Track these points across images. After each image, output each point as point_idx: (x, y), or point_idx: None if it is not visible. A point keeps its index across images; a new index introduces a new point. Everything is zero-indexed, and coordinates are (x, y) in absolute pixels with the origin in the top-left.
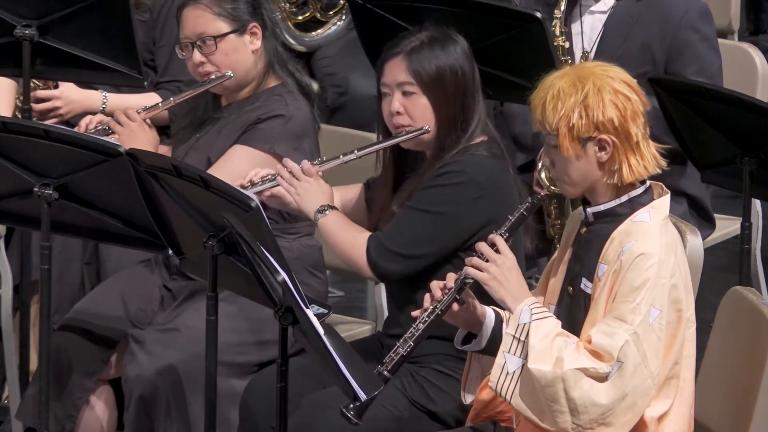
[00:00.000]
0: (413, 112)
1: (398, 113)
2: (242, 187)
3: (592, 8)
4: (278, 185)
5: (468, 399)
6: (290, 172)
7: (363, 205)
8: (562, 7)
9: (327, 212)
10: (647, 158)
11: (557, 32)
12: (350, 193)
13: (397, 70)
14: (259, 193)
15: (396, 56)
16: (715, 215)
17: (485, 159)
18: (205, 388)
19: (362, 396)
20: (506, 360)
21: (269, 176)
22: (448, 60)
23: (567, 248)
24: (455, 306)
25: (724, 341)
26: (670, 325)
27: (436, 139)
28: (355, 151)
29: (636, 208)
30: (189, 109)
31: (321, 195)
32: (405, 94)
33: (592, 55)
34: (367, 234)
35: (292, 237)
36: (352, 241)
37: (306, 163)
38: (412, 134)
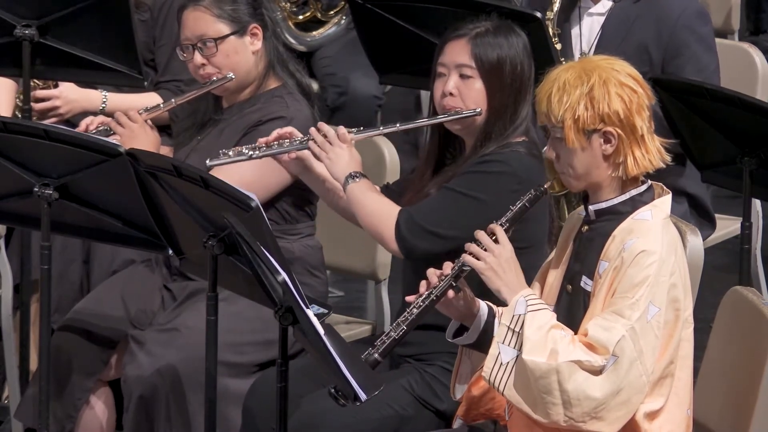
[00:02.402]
0: (467, 96)
1: (451, 94)
2: (266, 144)
3: (591, 10)
4: (306, 149)
5: (458, 394)
6: (324, 135)
7: None
8: (555, 9)
9: (358, 179)
10: (652, 152)
11: (550, 34)
12: None
13: (458, 51)
14: (285, 153)
15: (460, 38)
16: (716, 215)
17: (526, 156)
18: (205, 389)
19: (362, 396)
20: (500, 351)
21: (298, 139)
22: (510, 51)
23: (566, 247)
24: (450, 293)
25: (724, 341)
26: (668, 324)
27: (483, 125)
28: (398, 124)
29: (638, 206)
30: (190, 112)
31: (353, 162)
32: (462, 76)
33: (590, 56)
34: (398, 207)
35: (293, 238)
36: (382, 211)
37: (342, 129)
38: (462, 115)
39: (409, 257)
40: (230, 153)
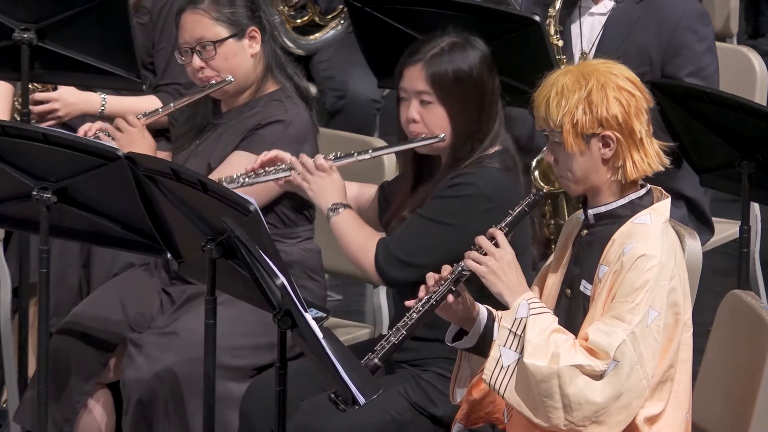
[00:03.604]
0: (429, 121)
1: (414, 121)
2: (253, 171)
3: (592, 10)
4: (290, 176)
5: (457, 398)
6: (303, 164)
7: (375, 208)
8: (557, 6)
9: (340, 210)
10: (651, 155)
11: (552, 30)
12: (366, 192)
13: (415, 79)
14: (275, 180)
15: (416, 63)
16: (714, 219)
17: (497, 171)
18: (204, 392)
19: (360, 400)
20: (501, 353)
21: (282, 165)
22: (467, 68)
23: (565, 251)
24: (450, 297)
25: (722, 345)
26: (667, 328)
27: (450, 147)
28: (370, 151)
29: (637, 210)
30: (189, 116)
31: (334, 191)
32: (422, 103)
33: (590, 56)
34: (377, 238)
35: (292, 242)
36: (362, 244)
37: (319, 158)
38: (427, 141)
39: (391, 286)
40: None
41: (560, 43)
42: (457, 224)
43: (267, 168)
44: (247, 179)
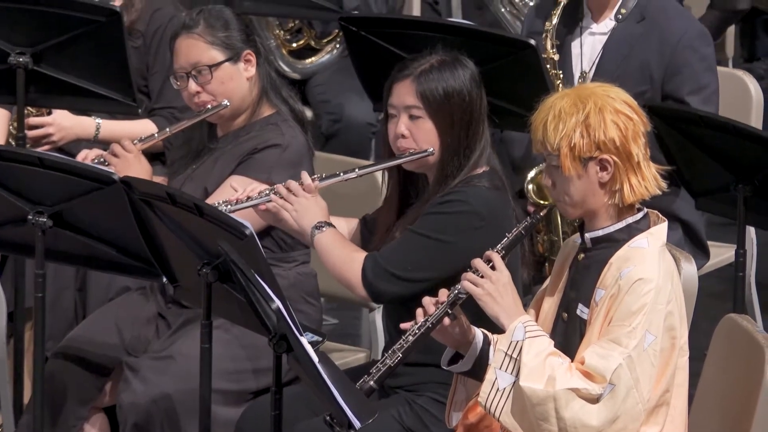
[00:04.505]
0: (418, 136)
1: (403, 136)
2: (237, 200)
3: (593, 29)
4: (270, 200)
5: (453, 422)
6: (287, 188)
7: (358, 240)
8: (554, 21)
9: (324, 229)
10: (648, 179)
11: (548, 45)
12: (347, 225)
13: (404, 93)
14: (254, 207)
15: (405, 79)
16: (710, 242)
17: (487, 190)
18: (200, 416)
19: (356, 424)
20: (497, 376)
21: (266, 191)
22: (456, 85)
23: (561, 275)
24: (446, 320)
25: (718, 369)
26: (664, 352)
27: (439, 163)
28: (356, 170)
29: (634, 233)
30: (185, 140)
31: (318, 211)
32: (411, 117)
33: (590, 75)
34: (364, 253)
35: (288, 265)
36: (347, 259)
37: (306, 178)
38: (415, 156)
39: (378, 301)
40: None
41: (556, 57)
42: (448, 240)
43: (250, 195)
44: (228, 206)
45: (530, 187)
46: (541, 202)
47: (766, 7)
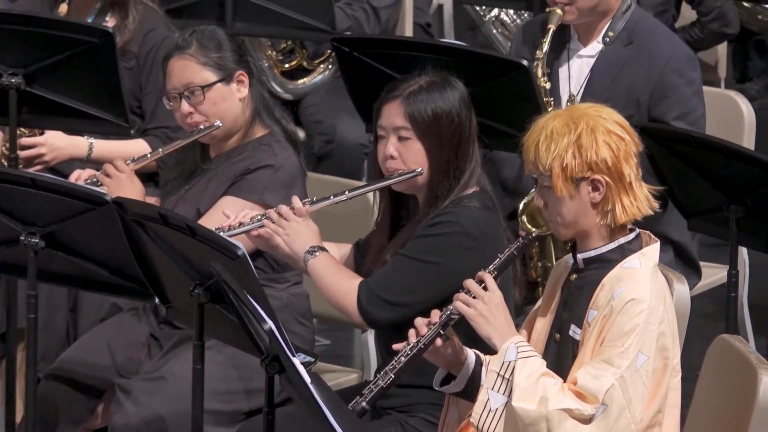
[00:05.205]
0: (407, 157)
1: (392, 157)
2: (230, 227)
3: (580, 52)
4: (263, 225)
5: None
6: (279, 213)
7: (351, 265)
8: (545, 48)
9: (317, 253)
10: (640, 199)
11: (539, 73)
12: (339, 251)
13: (393, 115)
14: (246, 233)
15: (394, 100)
16: (702, 263)
17: (478, 210)
18: None
19: None
20: (489, 396)
21: (258, 217)
22: (445, 106)
23: (554, 296)
24: (438, 341)
25: (711, 389)
26: (656, 372)
27: (428, 184)
28: (347, 192)
29: (626, 254)
30: (177, 161)
31: (311, 235)
32: (400, 138)
33: (578, 98)
34: (358, 279)
35: (281, 286)
36: (342, 286)
37: (297, 202)
38: (404, 176)
39: (374, 327)
40: None
41: (548, 86)
42: (440, 262)
43: (242, 221)
44: (221, 233)
45: (524, 217)
46: (534, 230)
47: (758, 28)
